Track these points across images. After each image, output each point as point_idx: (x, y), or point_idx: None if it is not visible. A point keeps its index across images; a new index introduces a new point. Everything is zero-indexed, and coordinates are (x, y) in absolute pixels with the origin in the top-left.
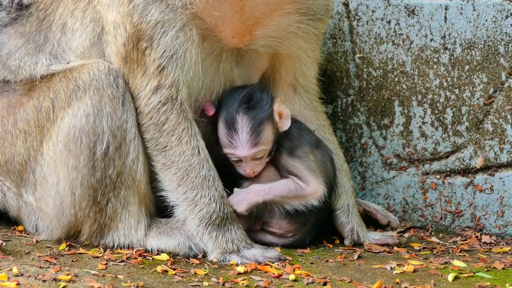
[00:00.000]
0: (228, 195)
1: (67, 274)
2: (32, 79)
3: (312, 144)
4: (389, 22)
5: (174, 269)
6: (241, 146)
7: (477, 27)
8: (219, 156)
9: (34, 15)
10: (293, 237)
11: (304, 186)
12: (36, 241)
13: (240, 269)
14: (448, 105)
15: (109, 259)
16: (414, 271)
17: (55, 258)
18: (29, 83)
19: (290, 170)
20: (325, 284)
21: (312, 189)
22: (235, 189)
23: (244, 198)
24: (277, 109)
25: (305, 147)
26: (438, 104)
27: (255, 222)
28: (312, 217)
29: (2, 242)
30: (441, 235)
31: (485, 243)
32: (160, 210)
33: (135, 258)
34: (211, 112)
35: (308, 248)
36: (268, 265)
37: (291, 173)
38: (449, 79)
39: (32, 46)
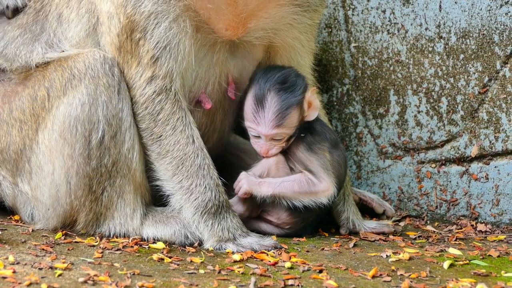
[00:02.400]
0: (224, 184)
1: (63, 262)
2: (28, 67)
3: (331, 143)
4: (384, 11)
5: (170, 257)
6: (264, 124)
7: (471, 16)
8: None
9: (32, 6)
10: (289, 229)
11: (317, 182)
12: (32, 230)
13: (236, 257)
14: (443, 94)
15: (105, 247)
16: (410, 259)
17: (51, 247)
18: (24, 71)
19: (305, 164)
20: (321, 271)
21: (324, 186)
22: (244, 172)
23: (255, 184)
24: (308, 98)
25: (324, 145)
26: (433, 93)
27: (253, 209)
28: (314, 214)
29: None
30: (436, 223)
31: (480, 231)
32: (156, 199)
33: (131, 246)
34: (208, 105)
35: (304, 237)
36: (264, 253)
37: (305, 167)
38: (444, 68)
39: (28, 36)
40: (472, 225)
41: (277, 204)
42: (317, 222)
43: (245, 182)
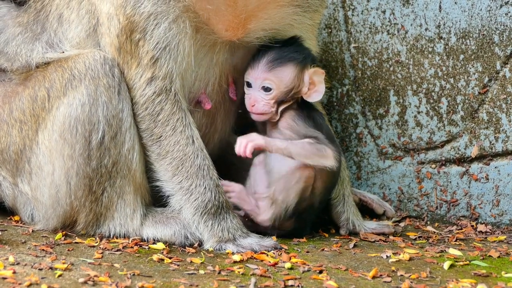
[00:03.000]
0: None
1: (63, 263)
2: (28, 66)
3: (328, 137)
4: (384, 12)
5: (170, 258)
6: (257, 67)
7: (471, 16)
8: (216, 146)
9: (32, 6)
10: (287, 231)
11: (325, 146)
12: (32, 231)
13: (236, 257)
14: (443, 94)
15: (105, 248)
16: (410, 259)
17: (51, 248)
18: (25, 72)
19: (308, 135)
20: (321, 272)
21: (330, 150)
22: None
23: (261, 137)
24: (312, 75)
25: (318, 133)
26: (433, 93)
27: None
28: (313, 216)
29: None
30: (436, 224)
31: (480, 232)
32: (156, 200)
33: (131, 247)
34: (208, 105)
35: (304, 238)
36: (264, 253)
37: (310, 136)
38: (444, 68)
39: (29, 35)
40: (472, 226)
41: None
42: (313, 221)
43: (256, 136)
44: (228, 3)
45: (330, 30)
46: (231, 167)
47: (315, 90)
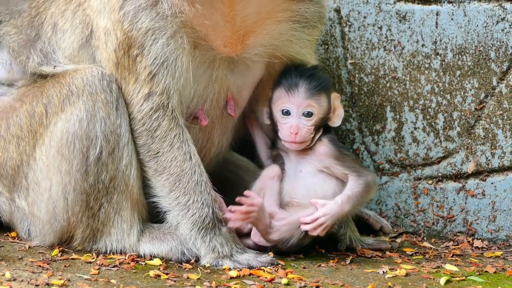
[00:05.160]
0: (224, 200)
1: (60, 279)
2: (24, 73)
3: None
4: (380, 28)
5: (166, 274)
6: (297, 94)
7: (468, 32)
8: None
9: (27, 11)
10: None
11: (363, 176)
12: (29, 247)
13: (233, 273)
14: (439, 110)
15: (102, 264)
16: (406, 275)
17: (48, 263)
18: (22, 86)
19: (343, 156)
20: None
21: (372, 176)
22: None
23: (335, 205)
24: (334, 100)
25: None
26: (429, 109)
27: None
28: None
29: None
30: (433, 240)
31: (477, 247)
32: (153, 216)
33: (128, 263)
34: (204, 122)
35: (301, 253)
36: (261, 269)
37: (347, 167)
38: (440, 84)
39: (23, 38)
40: (468, 242)
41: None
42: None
43: (331, 207)
44: (226, 19)
45: (327, 46)
46: (228, 182)
47: (337, 114)
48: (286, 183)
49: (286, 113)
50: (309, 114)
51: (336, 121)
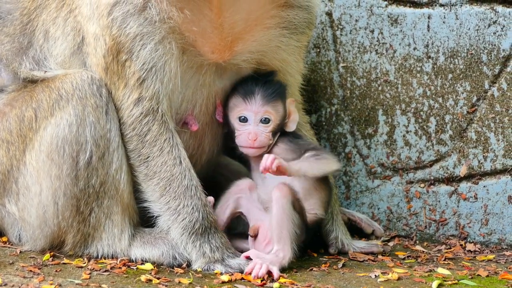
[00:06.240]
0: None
1: (51, 284)
2: (17, 78)
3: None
4: (372, 31)
5: (158, 278)
6: (254, 102)
7: (460, 35)
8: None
9: (18, 19)
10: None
11: (324, 154)
12: (20, 252)
13: (225, 278)
14: (431, 113)
15: (93, 268)
16: (399, 279)
17: (39, 268)
18: (13, 91)
19: (305, 147)
20: None
21: (329, 155)
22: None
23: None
24: (289, 104)
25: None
26: (421, 112)
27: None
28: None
29: None
30: (425, 243)
31: (469, 251)
32: (144, 221)
33: (119, 267)
34: (194, 127)
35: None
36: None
37: (307, 149)
38: (432, 87)
39: (16, 46)
40: (461, 245)
41: None
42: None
43: (278, 160)
44: (214, 25)
45: (318, 50)
46: (219, 186)
47: (292, 119)
48: (259, 190)
49: (243, 120)
50: (266, 121)
51: (291, 126)
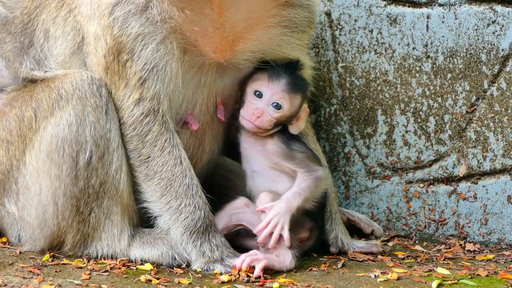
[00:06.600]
0: (213, 202)
1: (51, 284)
2: (16, 78)
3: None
4: (371, 31)
5: (157, 279)
6: (277, 83)
7: (459, 35)
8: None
9: (19, 17)
10: (306, 243)
11: (314, 171)
12: (20, 252)
13: (224, 278)
14: (431, 113)
15: (93, 269)
16: (398, 278)
17: (38, 269)
18: (13, 91)
19: (297, 156)
20: None
21: (322, 171)
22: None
23: (285, 204)
24: (304, 109)
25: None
26: (421, 112)
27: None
28: (320, 216)
29: None
30: (425, 243)
31: (469, 251)
32: (143, 221)
33: (119, 268)
34: (194, 126)
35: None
36: (252, 273)
37: (296, 164)
38: (431, 87)
39: (18, 45)
40: (460, 245)
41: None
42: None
43: (277, 208)
44: (216, 25)
45: (317, 50)
46: (219, 187)
47: (297, 124)
48: (248, 181)
49: (259, 95)
50: (278, 106)
51: (294, 129)
